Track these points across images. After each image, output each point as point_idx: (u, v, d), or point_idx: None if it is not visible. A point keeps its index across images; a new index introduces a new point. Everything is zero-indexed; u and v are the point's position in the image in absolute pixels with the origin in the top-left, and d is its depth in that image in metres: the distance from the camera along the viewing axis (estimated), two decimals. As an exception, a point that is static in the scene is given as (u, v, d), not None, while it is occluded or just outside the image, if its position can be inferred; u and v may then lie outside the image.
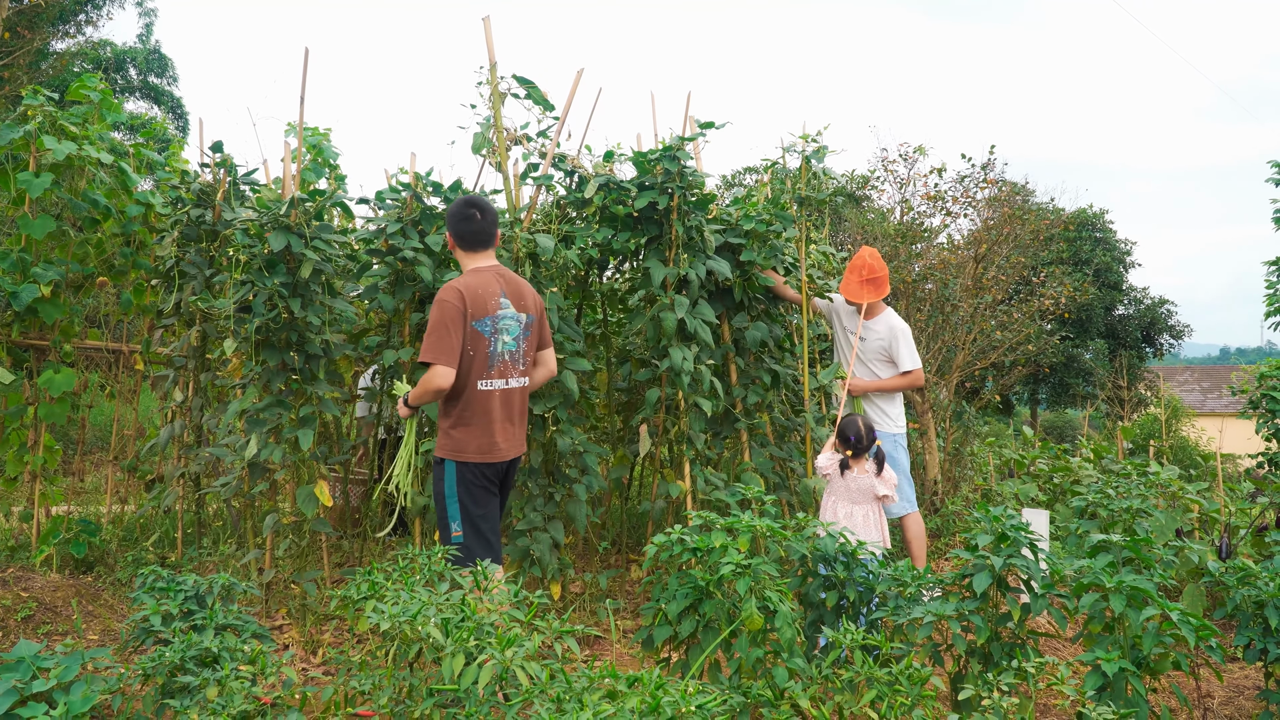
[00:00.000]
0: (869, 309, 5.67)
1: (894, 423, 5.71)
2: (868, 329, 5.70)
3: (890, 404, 5.76)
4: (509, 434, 3.92)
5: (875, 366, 5.71)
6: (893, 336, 5.67)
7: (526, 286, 4.06)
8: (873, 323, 5.70)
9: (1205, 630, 3.09)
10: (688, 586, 3.35)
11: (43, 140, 5.19)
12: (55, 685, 3.05)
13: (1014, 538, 3.34)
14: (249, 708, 2.54)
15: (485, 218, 3.97)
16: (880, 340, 5.69)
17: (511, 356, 3.92)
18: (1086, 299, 13.53)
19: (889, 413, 5.72)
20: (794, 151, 5.67)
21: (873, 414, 5.65)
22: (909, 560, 3.80)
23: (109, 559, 5.67)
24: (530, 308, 4.01)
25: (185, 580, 3.29)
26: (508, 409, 3.92)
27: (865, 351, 5.72)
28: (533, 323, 4.01)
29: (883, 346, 5.68)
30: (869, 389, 5.65)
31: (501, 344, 3.89)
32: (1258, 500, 6.80)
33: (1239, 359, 44.36)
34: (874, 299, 5.58)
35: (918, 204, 8.16)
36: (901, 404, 5.86)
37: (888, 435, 5.60)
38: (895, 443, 5.65)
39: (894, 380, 5.66)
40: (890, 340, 5.66)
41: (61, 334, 5.55)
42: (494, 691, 2.54)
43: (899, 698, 2.82)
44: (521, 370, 3.98)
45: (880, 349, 5.69)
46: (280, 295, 4.66)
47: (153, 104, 24.78)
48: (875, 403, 5.72)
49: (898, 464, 5.54)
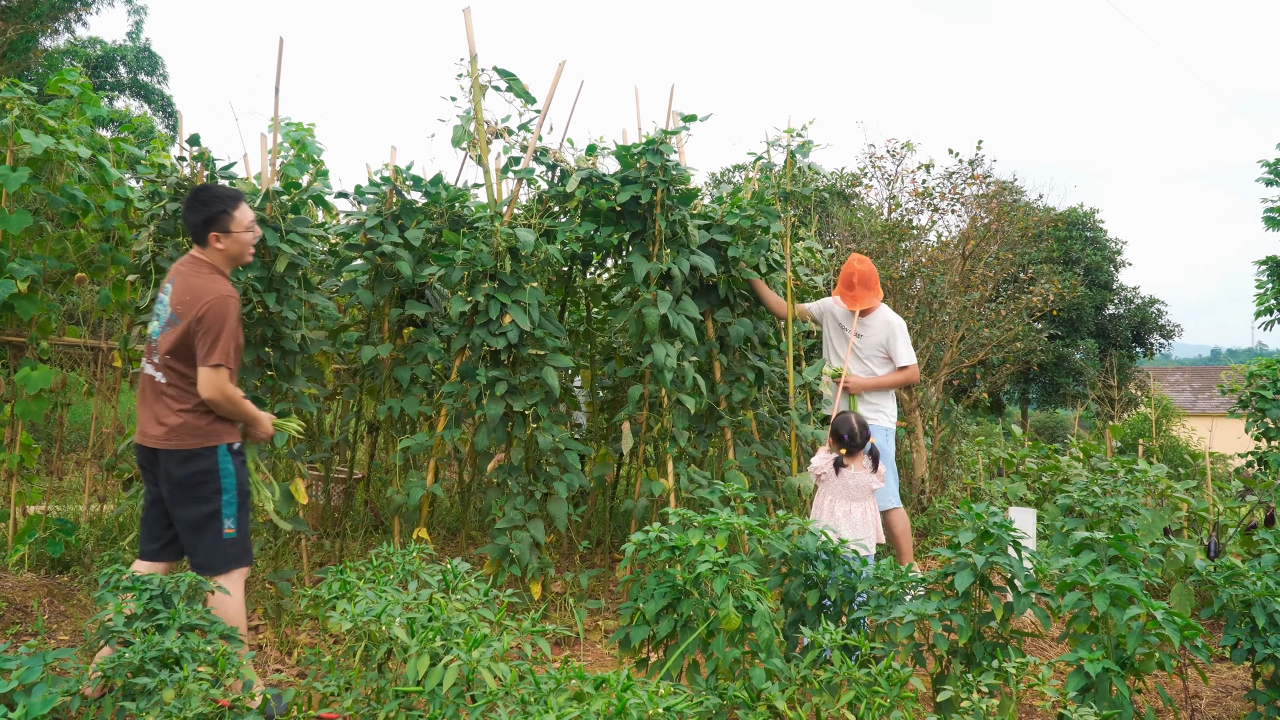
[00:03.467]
0: (869, 307, 5.67)
1: (887, 418, 5.73)
2: (865, 325, 5.70)
3: (885, 399, 5.77)
4: (144, 417, 3.82)
5: (872, 364, 5.71)
6: (890, 332, 5.68)
7: (196, 290, 3.73)
8: (869, 319, 5.69)
9: (1191, 630, 3.03)
10: (666, 586, 3.29)
11: (20, 134, 5.11)
12: (17, 686, 2.98)
13: (997, 535, 3.29)
14: (206, 710, 2.47)
15: (188, 210, 3.86)
16: (877, 337, 5.69)
17: (153, 343, 3.83)
18: (1075, 296, 13.50)
19: (884, 408, 5.73)
20: (779, 146, 5.62)
21: (866, 410, 5.64)
22: (891, 559, 3.74)
23: (85, 559, 5.58)
24: (181, 310, 3.72)
25: (151, 579, 3.22)
26: (144, 392, 3.85)
27: (862, 349, 5.71)
28: (176, 323, 3.73)
29: (880, 343, 5.69)
30: (867, 386, 5.64)
31: (152, 327, 3.84)
32: (1247, 499, 6.76)
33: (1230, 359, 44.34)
34: (869, 304, 5.62)
35: (906, 201, 8.11)
36: (895, 399, 5.89)
37: (880, 429, 5.58)
38: (887, 436, 5.67)
39: (891, 377, 5.68)
40: (888, 336, 5.68)
41: (39, 330, 5.47)
42: (460, 693, 2.47)
43: (877, 699, 2.76)
44: (156, 362, 3.81)
45: (878, 345, 5.70)
46: (255, 289, 4.59)
47: (143, 102, 24.67)
48: (869, 399, 5.72)
49: (886, 457, 5.53)
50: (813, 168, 5.53)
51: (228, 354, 3.68)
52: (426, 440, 4.91)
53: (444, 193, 5.43)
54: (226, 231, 3.80)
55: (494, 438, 4.81)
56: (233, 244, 3.82)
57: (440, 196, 5.42)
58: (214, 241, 3.80)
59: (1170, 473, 6.53)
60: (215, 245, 3.81)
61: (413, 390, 5.24)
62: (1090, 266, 23.88)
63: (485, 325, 4.72)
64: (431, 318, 5.45)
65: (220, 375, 3.67)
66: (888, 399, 5.78)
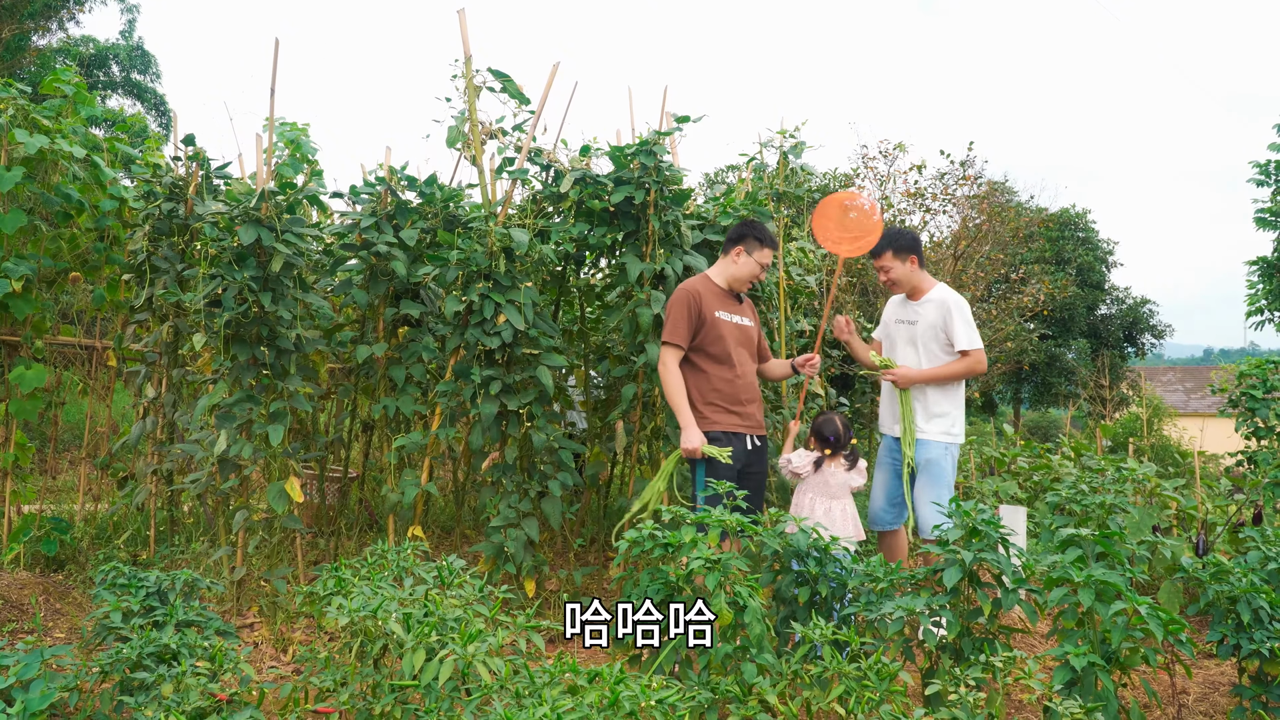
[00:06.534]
0: (914, 289, 4.90)
1: (944, 430, 4.77)
2: (916, 310, 4.88)
3: (943, 400, 4.77)
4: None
5: (931, 353, 4.81)
6: (945, 311, 4.75)
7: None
8: (920, 303, 4.89)
9: (1175, 625, 3.08)
10: (659, 583, 3.32)
11: (14, 133, 5.12)
12: (14, 683, 3.01)
13: (985, 532, 3.33)
14: (204, 704, 2.50)
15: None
16: (931, 318, 4.80)
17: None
18: (1066, 296, 13.58)
19: (940, 414, 4.77)
20: (771, 147, 5.65)
21: (921, 420, 4.75)
22: (880, 556, 3.78)
23: (80, 557, 5.60)
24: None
25: (148, 576, 3.25)
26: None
27: (918, 338, 4.84)
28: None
29: (935, 325, 4.78)
30: (915, 380, 4.75)
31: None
32: (1235, 498, 6.82)
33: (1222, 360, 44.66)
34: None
35: (898, 201, 8.16)
36: (960, 402, 4.82)
37: (932, 444, 4.73)
38: (945, 452, 4.75)
39: (948, 367, 4.72)
40: (943, 316, 4.76)
41: (33, 329, 5.49)
42: (455, 687, 2.51)
43: (867, 693, 2.79)
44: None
45: (933, 330, 4.79)
46: (250, 289, 4.61)
47: (135, 100, 24.62)
48: (923, 400, 4.78)
49: (938, 476, 4.73)
50: (805, 168, 5.56)
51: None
52: (421, 439, 4.94)
53: (439, 193, 5.46)
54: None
55: (488, 436, 4.84)
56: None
57: (435, 197, 5.45)
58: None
59: (1160, 471, 6.57)
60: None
61: (407, 389, 5.27)
62: (1082, 267, 23.98)
63: (480, 325, 4.75)
64: (426, 317, 5.47)
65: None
66: (948, 400, 4.78)
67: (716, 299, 4.67)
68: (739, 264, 4.66)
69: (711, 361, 4.60)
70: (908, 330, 4.90)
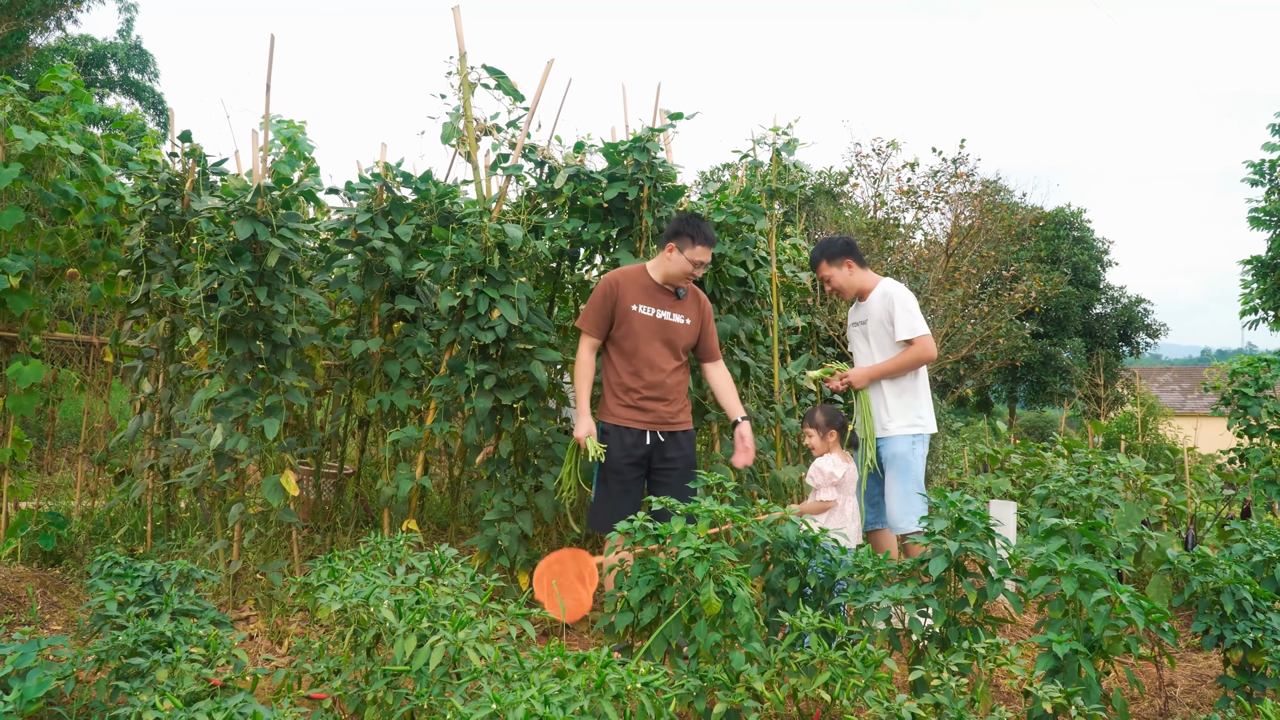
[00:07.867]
0: (860, 290, 4.91)
1: (904, 421, 4.77)
2: (864, 309, 4.89)
3: (901, 395, 4.77)
4: None
5: (885, 349, 4.81)
6: (888, 304, 4.76)
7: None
8: (868, 300, 4.90)
9: (1157, 614, 3.12)
10: (650, 573, 3.36)
11: (12, 130, 5.15)
12: (11, 672, 3.04)
13: (970, 523, 3.37)
14: (199, 689, 2.54)
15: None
16: (877, 314, 4.81)
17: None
18: (1058, 294, 13.62)
19: (899, 408, 4.78)
20: (765, 144, 5.69)
21: (881, 417, 4.78)
22: (869, 547, 3.82)
23: (77, 552, 5.63)
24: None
25: (143, 567, 3.28)
26: None
27: (870, 335, 4.87)
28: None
29: (881, 321, 4.80)
30: (866, 378, 4.79)
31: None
32: (1227, 494, 6.87)
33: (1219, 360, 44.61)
34: (860, 286, 4.84)
35: (891, 199, 8.21)
36: (922, 390, 4.81)
37: (897, 438, 4.74)
38: (911, 445, 4.73)
39: (896, 360, 4.72)
40: (886, 310, 4.76)
41: (31, 326, 5.52)
42: (446, 672, 2.55)
43: (852, 680, 2.83)
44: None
45: (881, 325, 4.81)
46: (246, 284, 4.64)
47: (133, 99, 24.64)
48: (884, 395, 4.80)
49: (905, 470, 4.71)
50: (798, 166, 5.60)
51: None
52: (416, 434, 4.97)
53: (434, 189, 5.50)
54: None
55: (483, 431, 4.88)
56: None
57: (430, 193, 5.49)
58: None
59: (1149, 467, 6.61)
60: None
61: (402, 384, 5.30)
62: (1077, 266, 24.04)
63: (474, 320, 4.78)
64: (421, 313, 5.51)
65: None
66: (907, 394, 4.77)
67: (641, 292, 4.58)
68: (671, 260, 4.53)
69: (619, 354, 4.59)
70: (861, 330, 4.96)
